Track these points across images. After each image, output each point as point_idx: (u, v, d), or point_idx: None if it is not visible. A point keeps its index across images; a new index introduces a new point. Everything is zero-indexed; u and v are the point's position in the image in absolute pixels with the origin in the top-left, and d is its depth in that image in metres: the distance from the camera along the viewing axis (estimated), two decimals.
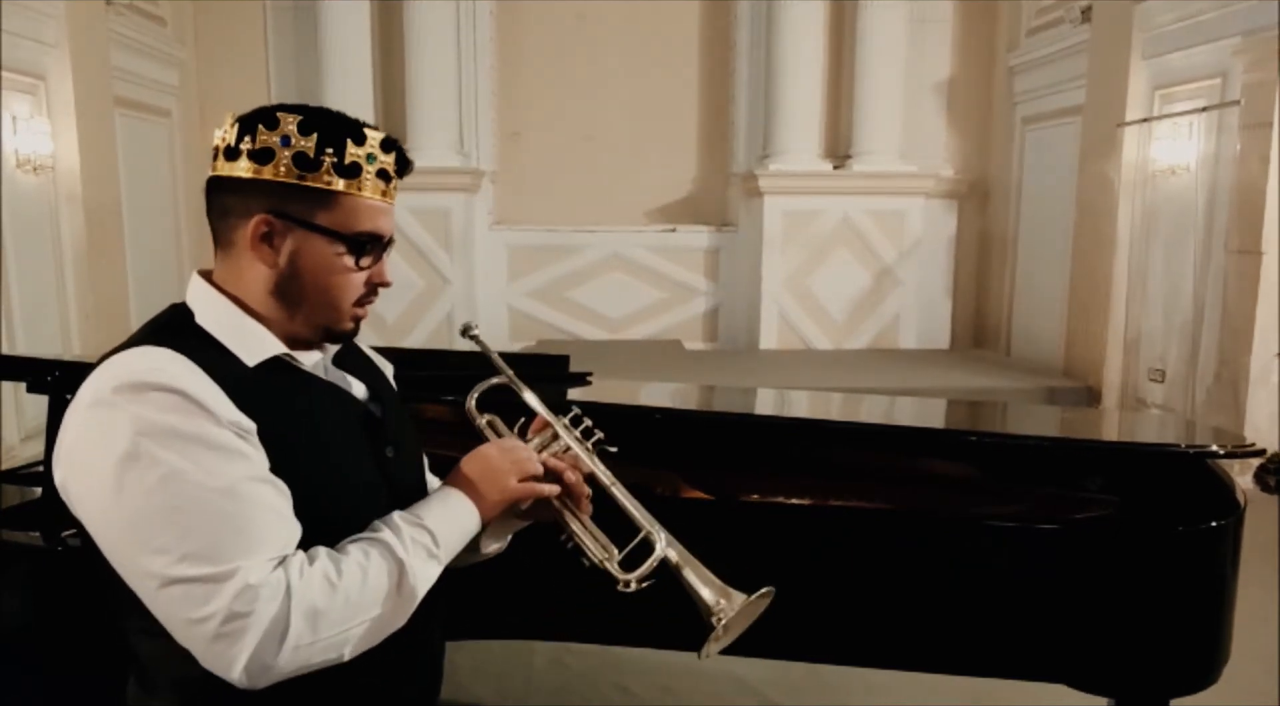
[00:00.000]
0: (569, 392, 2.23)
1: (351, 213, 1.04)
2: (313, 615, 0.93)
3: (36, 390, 2.08)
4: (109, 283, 6.02)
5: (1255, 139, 4.92)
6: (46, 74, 5.39)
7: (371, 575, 0.98)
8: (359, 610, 0.96)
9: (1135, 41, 5.83)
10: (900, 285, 7.85)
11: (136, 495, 0.91)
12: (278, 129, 1.01)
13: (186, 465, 0.91)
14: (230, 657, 0.90)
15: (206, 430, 0.93)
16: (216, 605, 0.90)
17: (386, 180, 1.07)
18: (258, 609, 0.90)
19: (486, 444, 1.17)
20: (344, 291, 1.07)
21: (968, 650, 1.83)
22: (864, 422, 2.28)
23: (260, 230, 1.02)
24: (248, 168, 1.02)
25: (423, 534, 1.03)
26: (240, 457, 0.94)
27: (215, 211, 1.06)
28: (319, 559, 0.96)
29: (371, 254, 1.08)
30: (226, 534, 0.91)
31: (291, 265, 1.04)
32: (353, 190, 1.04)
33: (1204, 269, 5.36)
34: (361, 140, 1.04)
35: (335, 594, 0.94)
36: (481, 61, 7.95)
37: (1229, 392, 5.12)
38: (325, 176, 1.02)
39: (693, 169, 8.35)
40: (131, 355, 0.98)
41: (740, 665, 2.80)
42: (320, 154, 1.01)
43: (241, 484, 0.93)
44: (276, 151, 1.01)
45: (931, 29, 7.94)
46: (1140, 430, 2.81)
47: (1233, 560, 1.82)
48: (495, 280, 8.09)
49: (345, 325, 1.10)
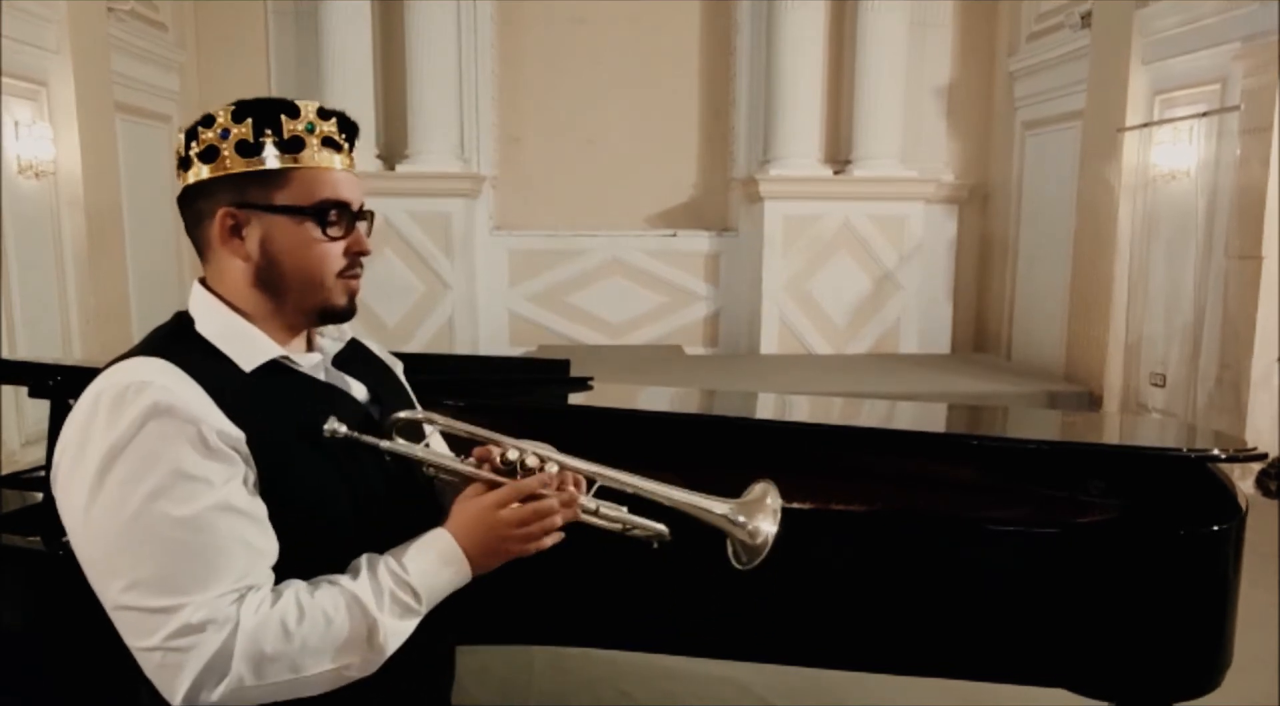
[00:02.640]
0: (570, 398, 2.23)
1: (306, 184, 1.04)
2: (258, 659, 0.92)
3: (38, 394, 2.08)
4: (110, 287, 6.02)
5: (1255, 144, 4.92)
6: (48, 79, 5.40)
7: (336, 626, 0.96)
8: (314, 658, 0.95)
9: (1135, 46, 5.83)
10: (901, 289, 7.85)
11: (102, 515, 0.92)
12: (214, 125, 1.03)
13: (153, 492, 0.91)
14: (171, 687, 0.92)
15: (181, 455, 0.92)
16: (157, 638, 0.91)
17: (336, 148, 1.07)
18: (199, 645, 0.90)
19: (491, 499, 1.06)
20: (322, 265, 1.06)
21: (968, 654, 1.83)
22: (865, 426, 2.28)
23: (226, 224, 1.03)
24: (202, 170, 1.03)
25: (405, 592, 1.00)
26: (210, 486, 0.93)
27: (190, 222, 1.07)
28: (283, 599, 0.95)
29: (339, 222, 1.06)
30: (180, 565, 0.91)
31: (264, 252, 1.04)
32: (303, 162, 1.04)
33: (1204, 273, 5.36)
34: (296, 113, 1.04)
35: (289, 641, 0.93)
36: (482, 66, 7.96)
37: (1230, 397, 5.12)
38: (271, 157, 1.02)
39: (693, 173, 8.36)
40: (126, 367, 0.98)
41: (740, 669, 2.79)
42: (259, 136, 1.02)
43: (207, 514, 0.92)
44: (219, 146, 1.02)
45: (932, 33, 7.95)
46: (1141, 434, 2.81)
47: (1234, 564, 1.82)
48: (496, 285, 8.10)
49: (338, 300, 1.08)
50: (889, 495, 1.99)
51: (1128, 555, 1.76)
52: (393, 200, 7.37)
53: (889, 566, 1.85)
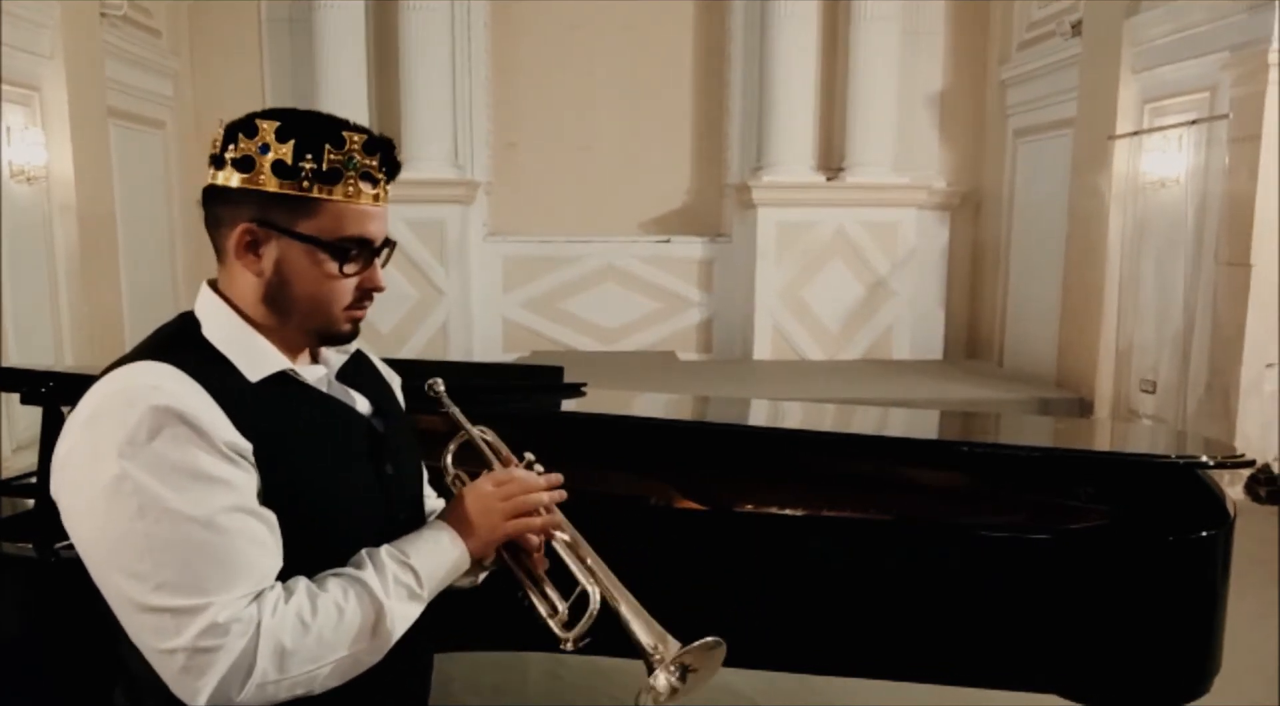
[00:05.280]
0: (563, 404, 2.23)
1: (335, 219, 1.02)
2: (280, 654, 0.92)
3: (30, 401, 2.07)
4: (103, 293, 6.01)
5: (1244, 152, 4.96)
6: (41, 85, 5.40)
7: (348, 615, 0.97)
8: (331, 649, 0.96)
9: (1125, 55, 5.87)
10: (894, 296, 7.88)
11: (119, 520, 0.91)
12: (256, 137, 1.00)
13: (170, 494, 0.91)
14: (195, 690, 0.91)
15: (195, 457, 0.92)
16: (183, 639, 0.90)
17: (373, 183, 1.05)
18: (225, 645, 0.90)
19: (484, 479, 1.15)
20: (332, 298, 1.05)
21: (960, 659, 1.83)
22: (857, 433, 2.29)
23: (244, 239, 1.02)
24: (233, 176, 1.01)
25: (408, 574, 1.02)
26: (225, 487, 0.93)
27: (210, 221, 1.05)
28: (296, 594, 0.96)
29: (358, 260, 1.06)
30: (202, 566, 0.91)
31: (278, 274, 1.03)
32: (336, 195, 1.02)
33: (1194, 280, 5.39)
34: (341, 143, 1.01)
35: (307, 634, 0.94)
36: (476, 73, 7.98)
37: (1220, 403, 5.15)
38: (304, 184, 1.00)
39: (687, 180, 8.38)
40: (133, 370, 0.97)
41: (731, 675, 2.79)
42: (299, 161, 1.00)
43: (223, 515, 0.92)
44: (256, 160, 1.00)
45: (924, 41, 8.00)
46: (1132, 441, 2.82)
47: (1223, 571, 1.83)
48: (490, 291, 8.10)
49: (341, 328, 1.08)
50: (881, 501, 2.00)
51: (1118, 561, 1.77)
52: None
53: (881, 572, 1.86)
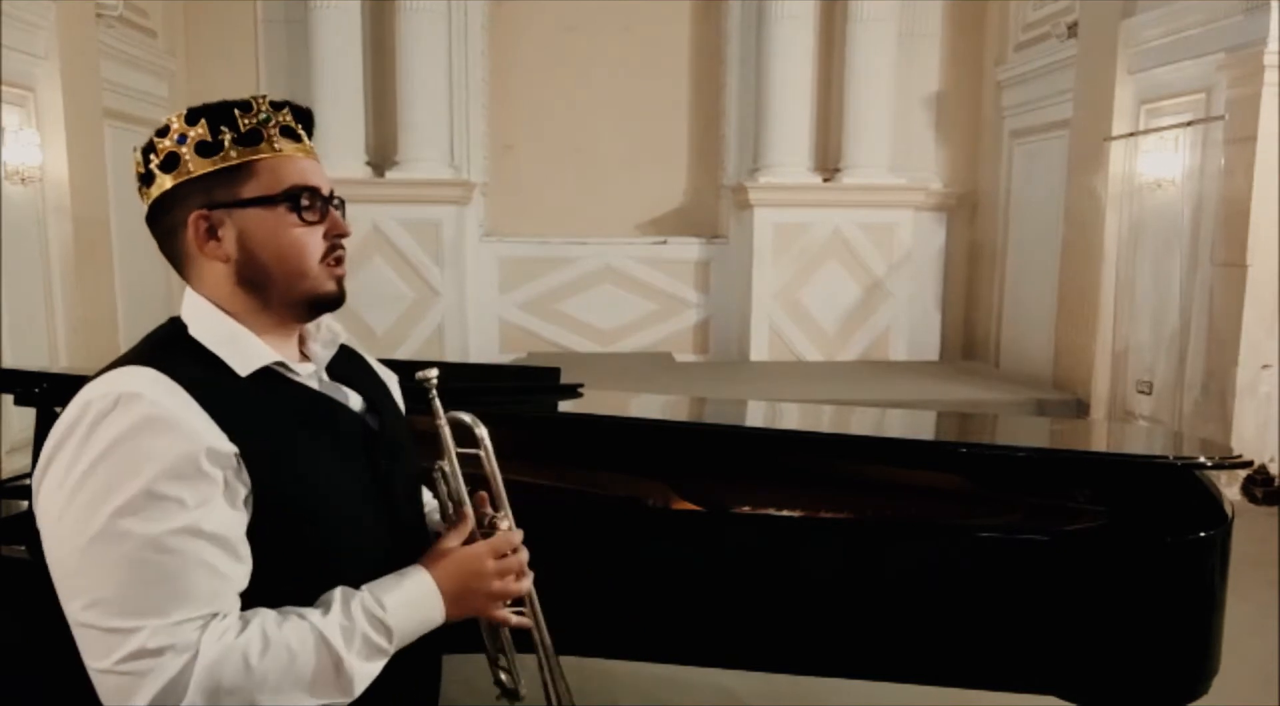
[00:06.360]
0: (560, 405, 2.23)
1: (272, 174, 1.04)
2: (214, 690, 0.90)
3: (24, 403, 2.06)
4: (97, 294, 5.99)
5: (1239, 153, 4.97)
6: (36, 85, 5.38)
7: (300, 663, 0.94)
8: (274, 693, 0.93)
9: (1121, 56, 5.88)
10: (890, 297, 7.88)
11: (70, 529, 0.90)
12: (169, 133, 1.03)
13: (123, 509, 0.89)
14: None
15: (159, 473, 0.90)
16: (109, 661, 0.89)
17: (294, 137, 1.07)
18: (154, 670, 0.88)
19: (485, 549, 1.12)
20: (303, 252, 1.05)
21: (956, 661, 1.83)
22: (854, 434, 2.29)
23: (201, 227, 1.03)
24: (165, 181, 1.03)
25: (379, 631, 0.99)
26: (180, 508, 0.91)
27: (162, 239, 1.06)
28: (249, 629, 0.93)
29: (312, 206, 1.06)
30: (141, 587, 0.89)
31: (243, 249, 1.03)
32: (264, 152, 1.04)
33: (1190, 281, 5.40)
34: (248, 107, 1.04)
35: (249, 674, 0.91)
36: (473, 74, 7.97)
37: (1216, 404, 5.15)
38: (232, 152, 1.02)
39: (683, 181, 8.38)
40: (117, 376, 0.97)
41: (727, 676, 2.79)
42: (216, 134, 1.02)
43: (174, 537, 0.90)
44: (179, 152, 1.02)
45: (921, 43, 8.00)
46: (1129, 442, 2.83)
47: (1221, 571, 1.83)
48: (486, 292, 8.09)
49: (326, 287, 1.07)
50: (878, 502, 1.99)
51: (1115, 562, 1.77)
52: (383, 207, 7.36)
53: (878, 573, 1.85)
